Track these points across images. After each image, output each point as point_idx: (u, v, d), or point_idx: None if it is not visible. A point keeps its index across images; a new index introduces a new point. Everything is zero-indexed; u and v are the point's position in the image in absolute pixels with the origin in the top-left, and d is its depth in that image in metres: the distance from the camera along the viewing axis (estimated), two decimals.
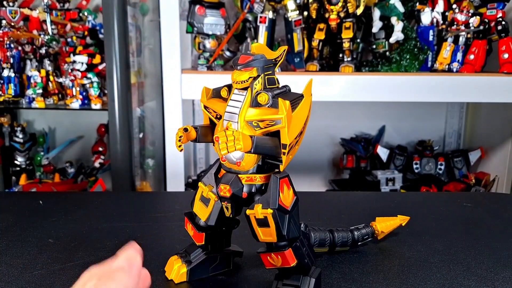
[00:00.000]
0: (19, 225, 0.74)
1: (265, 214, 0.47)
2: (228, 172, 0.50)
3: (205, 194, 0.52)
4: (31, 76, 1.38)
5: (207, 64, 1.31)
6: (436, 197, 1.07)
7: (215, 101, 0.51)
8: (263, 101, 0.47)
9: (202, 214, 0.53)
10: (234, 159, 0.48)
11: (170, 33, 1.24)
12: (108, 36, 1.23)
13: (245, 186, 0.49)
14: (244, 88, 0.48)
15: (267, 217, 0.47)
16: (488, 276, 0.58)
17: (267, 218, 0.47)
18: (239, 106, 0.47)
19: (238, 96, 0.48)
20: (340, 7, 1.25)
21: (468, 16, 1.29)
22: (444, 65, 1.32)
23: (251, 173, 0.49)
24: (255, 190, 0.50)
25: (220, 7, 1.29)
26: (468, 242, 0.70)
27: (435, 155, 1.62)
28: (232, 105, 0.48)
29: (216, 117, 0.51)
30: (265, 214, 0.47)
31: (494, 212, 0.85)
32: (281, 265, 0.49)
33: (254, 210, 0.47)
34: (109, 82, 1.26)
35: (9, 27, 1.36)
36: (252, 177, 0.49)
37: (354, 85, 1.26)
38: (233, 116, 0.47)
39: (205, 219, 0.52)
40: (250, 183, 0.49)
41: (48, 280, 0.55)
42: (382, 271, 0.59)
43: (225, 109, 0.48)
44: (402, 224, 0.70)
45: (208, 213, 0.52)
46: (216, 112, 0.51)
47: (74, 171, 1.60)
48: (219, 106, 0.50)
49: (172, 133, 1.28)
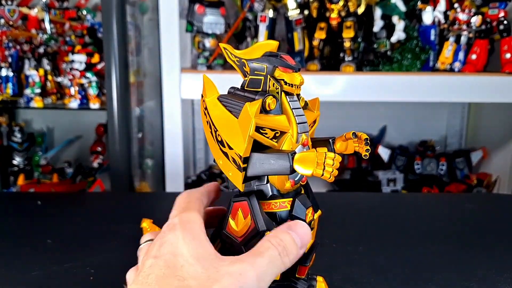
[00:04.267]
0: (17, 225, 0.73)
1: (319, 216, 0.43)
2: (291, 196, 0.41)
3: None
4: (30, 76, 1.37)
5: (206, 63, 1.30)
6: (437, 198, 1.07)
7: (265, 118, 0.37)
8: (302, 104, 0.42)
9: None
10: (303, 176, 0.40)
11: (170, 32, 1.23)
12: (107, 35, 1.22)
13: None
14: (290, 93, 0.40)
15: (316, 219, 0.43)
16: (490, 277, 0.57)
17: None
18: (303, 114, 0.40)
19: (295, 103, 0.40)
20: (341, 6, 1.25)
21: (470, 15, 1.29)
22: (445, 65, 1.31)
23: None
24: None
25: (220, 6, 1.29)
26: (469, 243, 0.69)
27: (436, 156, 1.61)
28: (298, 113, 0.39)
29: (273, 138, 0.38)
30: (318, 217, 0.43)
31: (496, 213, 0.84)
32: (312, 263, 0.45)
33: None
34: (107, 82, 1.25)
35: (7, 26, 1.36)
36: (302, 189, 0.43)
37: (355, 85, 1.26)
38: (306, 126, 0.40)
39: None
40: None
41: (46, 281, 0.54)
42: (383, 272, 0.58)
43: (295, 120, 0.38)
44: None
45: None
46: (276, 128, 0.38)
47: (72, 171, 1.59)
48: (275, 120, 0.38)
49: (171, 133, 1.27)
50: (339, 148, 0.42)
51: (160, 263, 0.34)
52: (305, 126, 0.39)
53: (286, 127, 0.38)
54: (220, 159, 0.39)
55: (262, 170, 0.37)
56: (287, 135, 0.38)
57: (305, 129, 0.39)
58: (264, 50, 0.40)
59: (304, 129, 0.39)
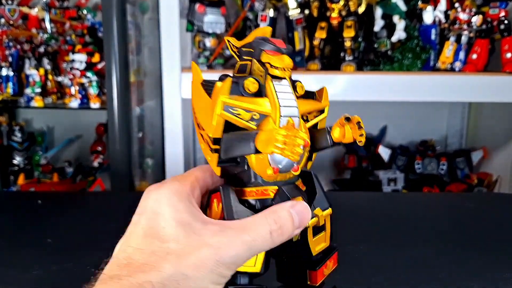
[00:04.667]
0: (17, 225, 0.73)
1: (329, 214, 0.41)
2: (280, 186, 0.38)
3: None
4: (30, 75, 1.37)
5: (207, 63, 1.30)
6: (438, 197, 1.07)
7: (238, 98, 0.36)
8: (301, 91, 0.40)
9: (250, 263, 0.36)
10: (294, 163, 0.37)
11: (170, 32, 1.23)
12: (107, 35, 1.22)
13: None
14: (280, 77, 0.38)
15: (326, 219, 0.41)
16: (491, 277, 0.57)
17: (326, 221, 0.41)
18: (292, 98, 0.38)
19: (283, 86, 0.37)
20: (341, 6, 1.24)
21: (471, 15, 1.29)
22: (446, 64, 1.31)
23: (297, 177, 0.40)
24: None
25: (221, 5, 1.28)
26: (470, 242, 0.69)
27: (437, 155, 1.61)
28: (285, 97, 0.37)
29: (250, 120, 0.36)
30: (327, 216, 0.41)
31: (496, 212, 0.84)
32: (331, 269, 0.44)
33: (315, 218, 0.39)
34: (108, 81, 1.25)
35: (7, 25, 1.36)
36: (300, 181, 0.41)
37: (356, 85, 1.25)
38: (294, 110, 0.37)
39: (259, 269, 0.37)
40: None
41: (46, 281, 0.54)
42: (384, 272, 0.58)
43: (278, 103, 0.36)
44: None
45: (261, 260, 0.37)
46: (251, 110, 0.36)
47: (72, 170, 1.59)
48: (250, 101, 0.36)
49: (172, 133, 1.27)
50: (337, 136, 0.40)
51: (142, 222, 0.34)
52: (292, 110, 0.37)
53: (264, 110, 0.36)
54: (201, 143, 0.38)
55: (231, 151, 0.36)
56: (268, 118, 0.36)
57: (292, 113, 0.37)
58: (256, 35, 0.39)
59: (290, 113, 0.37)
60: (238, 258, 0.33)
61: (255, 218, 0.35)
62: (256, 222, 0.34)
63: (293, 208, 0.35)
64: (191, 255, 0.31)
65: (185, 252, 0.31)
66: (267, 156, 0.35)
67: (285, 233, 0.35)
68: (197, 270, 0.31)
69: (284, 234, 0.35)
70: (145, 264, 0.31)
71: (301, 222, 0.36)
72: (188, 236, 0.32)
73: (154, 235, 0.33)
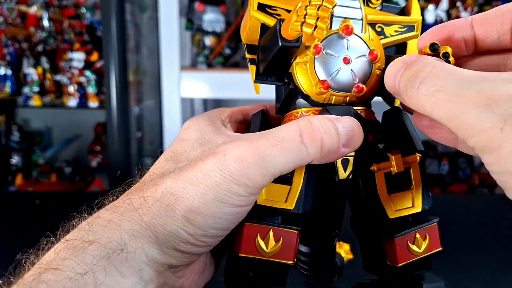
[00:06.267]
0: (15, 225, 0.73)
1: (413, 161, 0.30)
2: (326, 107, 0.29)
3: None
4: (28, 74, 1.36)
5: (207, 62, 1.30)
6: (439, 198, 1.06)
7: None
8: (376, 1, 0.31)
9: (280, 197, 0.28)
10: (355, 80, 0.29)
11: (169, 30, 1.22)
12: (106, 33, 1.22)
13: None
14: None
15: (412, 168, 0.30)
16: (493, 278, 0.56)
17: (411, 171, 0.30)
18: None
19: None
20: None
21: (472, 14, 1.28)
22: None
23: (364, 106, 0.31)
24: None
25: (220, 3, 1.28)
26: (471, 244, 0.68)
27: (438, 156, 1.60)
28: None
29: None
30: (411, 162, 0.30)
31: (498, 214, 0.84)
32: (425, 251, 0.32)
33: (387, 162, 0.29)
34: (106, 80, 1.24)
35: (5, 24, 1.35)
36: (368, 111, 0.31)
37: None
38: (354, 12, 0.29)
39: (292, 205, 0.28)
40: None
41: None
42: None
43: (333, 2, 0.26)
44: None
45: (296, 193, 0.28)
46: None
47: (71, 170, 1.59)
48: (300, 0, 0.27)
49: (171, 132, 1.26)
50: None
51: (167, 150, 0.31)
52: (351, 11, 0.29)
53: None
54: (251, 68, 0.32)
55: (263, 54, 0.29)
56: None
57: (351, 14, 0.29)
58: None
59: (348, 14, 0.29)
60: (249, 168, 0.25)
61: (282, 125, 0.27)
62: (282, 126, 0.27)
63: (339, 121, 0.27)
64: (196, 167, 0.26)
65: (191, 166, 0.26)
66: (312, 63, 0.28)
67: (325, 144, 0.26)
68: (198, 183, 0.25)
69: (324, 145, 0.26)
70: (149, 183, 0.28)
71: (349, 139, 0.27)
72: (204, 150, 0.28)
73: (173, 158, 0.30)
